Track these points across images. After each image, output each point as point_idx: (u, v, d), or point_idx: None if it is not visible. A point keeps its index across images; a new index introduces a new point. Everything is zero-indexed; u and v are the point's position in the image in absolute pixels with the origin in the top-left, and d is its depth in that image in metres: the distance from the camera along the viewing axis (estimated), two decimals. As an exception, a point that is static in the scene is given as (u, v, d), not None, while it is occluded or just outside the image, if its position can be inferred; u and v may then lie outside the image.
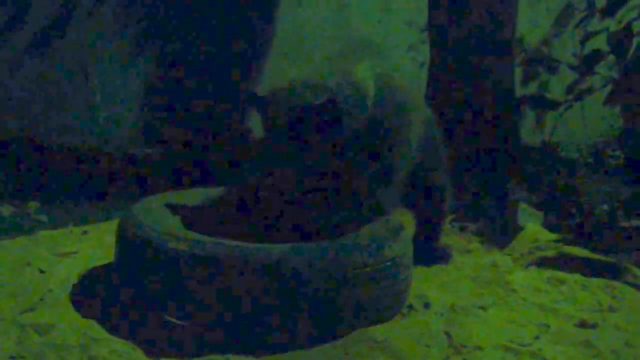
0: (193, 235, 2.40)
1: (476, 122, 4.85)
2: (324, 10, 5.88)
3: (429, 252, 3.15)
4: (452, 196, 3.24)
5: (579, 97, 5.02)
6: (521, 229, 3.57)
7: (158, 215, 2.62)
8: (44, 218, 3.86)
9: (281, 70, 5.35)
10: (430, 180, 3.08)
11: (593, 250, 3.27)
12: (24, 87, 4.71)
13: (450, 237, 3.51)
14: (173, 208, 2.74)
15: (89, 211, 3.99)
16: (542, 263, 3.13)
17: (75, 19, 4.90)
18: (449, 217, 3.87)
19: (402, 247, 2.51)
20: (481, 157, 4.71)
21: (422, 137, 2.91)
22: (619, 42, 4.53)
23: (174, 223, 2.59)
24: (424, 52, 5.61)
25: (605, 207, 4.01)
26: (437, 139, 3.11)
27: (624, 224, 3.88)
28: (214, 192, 2.99)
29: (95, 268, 2.83)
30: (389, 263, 2.41)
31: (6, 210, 3.93)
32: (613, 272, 2.99)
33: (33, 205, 4.00)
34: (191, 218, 2.71)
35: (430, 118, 3.08)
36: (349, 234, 2.52)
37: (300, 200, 2.63)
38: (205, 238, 2.37)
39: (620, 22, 4.68)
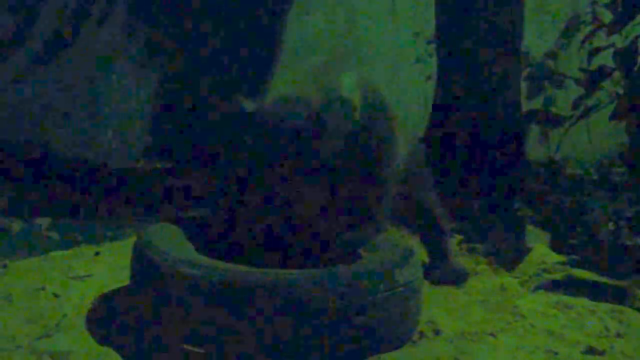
0: (206, 260, 2.41)
1: (482, 138, 4.87)
2: (332, 20, 5.91)
3: (442, 273, 3.22)
4: (445, 216, 3.29)
5: (585, 114, 5.03)
6: (528, 250, 3.59)
7: (172, 239, 2.63)
8: (55, 235, 3.86)
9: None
10: (419, 199, 3.13)
11: (599, 271, 3.30)
12: (32, 101, 4.73)
13: (458, 258, 3.52)
14: (186, 231, 2.75)
15: (100, 228, 3.99)
16: (550, 287, 3.15)
17: (83, 32, 4.92)
18: (457, 238, 3.91)
19: (413, 272, 2.50)
20: (487, 172, 4.73)
21: (407, 153, 2.94)
22: (625, 58, 4.55)
23: (188, 247, 2.60)
24: (431, 65, 5.63)
25: (611, 225, 4.02)
26: (420, 157, 3.15)
27: (629, 242, 3.89)
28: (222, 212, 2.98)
29: (109, 292, 2.85)
30: (399, 289, 2.41)
31: (17, 226, 3.94)
32: (620, 296, 3.01)
33: (44, 221, 4.01)
34: (205, 240, 2.73)
35: (411, 133, 3.11)
36: (359, 260, 2.55)
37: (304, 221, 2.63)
38: (218, 263, 2.38)
39: (626, 38, 4.69)
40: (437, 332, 2.59)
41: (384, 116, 2.71)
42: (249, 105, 2.65)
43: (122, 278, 2.80)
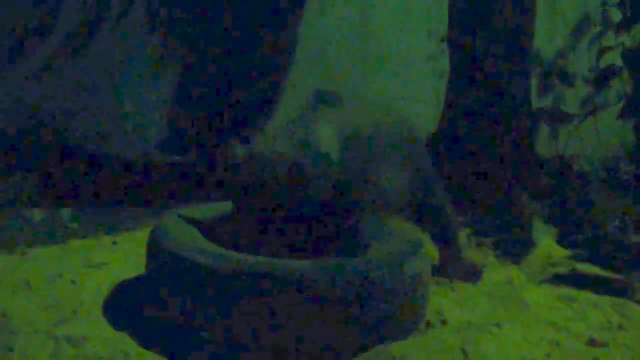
0: (221, 250, 2.44)
1: (492, 134, 4.91)
2: (347, 19, 5.94)
3: (455, 270, 3.23)
4: (454, 216, 3.29)
5: (593, 113, 5.04)
6: (536, 244, 3.63)
7: (188, 229, 2.67)
8: (75, 225, 3.90)
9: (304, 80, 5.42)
10: (427, 198, 3.12)
11: (605, 267, 3.34)
12: (54, 95, 4.78)
13: (467, 251, 3.56)
14: (202, 222, 2.79)
15: (119, 219, 4.03)
16: (555, 280, 3.19)
17: (104, 26, 4.97)
18: (467, 231, 3.94)
19: (421, 263, 2.54)
20: (497, 169, 4.76)
21: (408, 168, 2.95)
22: (634, 58, 4.57)
23: (202, 237, 2.62)
24: (444, 63, 5.66)
25: (617, 223, 4.05)
26: (426, 158, 3.16)
27: (636, 239, 3.92)
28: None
29: (126, 280, 2.90)
30: (407, 280, 2.42)
31: (38, 215, 3.98)
32: (624, 290, 3.05)
33: (65, 212, 4.05)
34: (220, 232, 2.75)
35: (417, 139, 3.11)
36: (369, 251, 2.59)
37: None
38: (232, 253, 2.41)
39: (635, 37, 4.71)
40: (444, 322, 2.63)
41: (369, 157, 2.71)
42: (240, 152, 2.65)
43: (139, 266, 2.84)
